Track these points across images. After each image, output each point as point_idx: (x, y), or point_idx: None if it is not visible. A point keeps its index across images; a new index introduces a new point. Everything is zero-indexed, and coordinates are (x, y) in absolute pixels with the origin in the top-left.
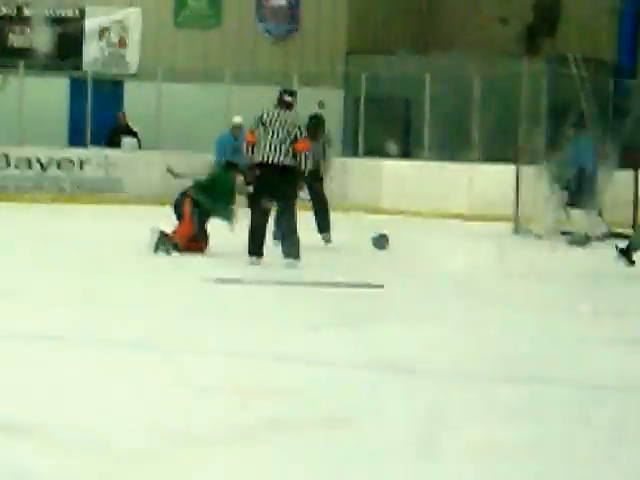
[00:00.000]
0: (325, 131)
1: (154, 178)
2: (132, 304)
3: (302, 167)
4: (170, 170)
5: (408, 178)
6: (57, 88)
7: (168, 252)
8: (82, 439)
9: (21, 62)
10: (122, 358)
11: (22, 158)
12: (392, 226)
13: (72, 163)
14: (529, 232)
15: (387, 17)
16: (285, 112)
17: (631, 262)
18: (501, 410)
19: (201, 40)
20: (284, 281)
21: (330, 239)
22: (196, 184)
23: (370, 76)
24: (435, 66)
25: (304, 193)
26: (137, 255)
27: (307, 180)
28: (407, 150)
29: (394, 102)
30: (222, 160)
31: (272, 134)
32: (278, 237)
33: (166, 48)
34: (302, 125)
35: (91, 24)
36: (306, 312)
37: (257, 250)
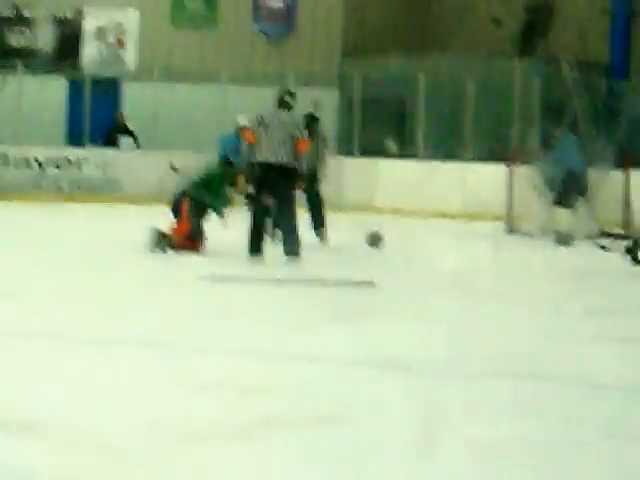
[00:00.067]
0: (320, 130)
1: (151, 177)
2: (130, 302)
3: (303, 167)
4: (172, 166)
5: (402, 177)
6: (56, 88)
7: (164, 250)
8: (82, 437)
9: (20, 62)
10: (121, 356)
11: (21, 158)
12: (386, 225)
13: (70, 163)
14: (521, 231)
15: (382, 19)
16: (285, 113)
17: (637, 262)
18: (498, 407)
19: (198, 41)
20: (279, 279)
21: (326, 238)
22: (193, 182)
23: (365, 77)
24: (429, 67)
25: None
26: (135, 254)
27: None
28: (402, 150)
29: (388, 102)
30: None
31: (273, 134)
32: (272, 236)
33: (163, 49)
34: (302, 126)
35: (89, 25)
36: (301, 310)
37: (257, 248)
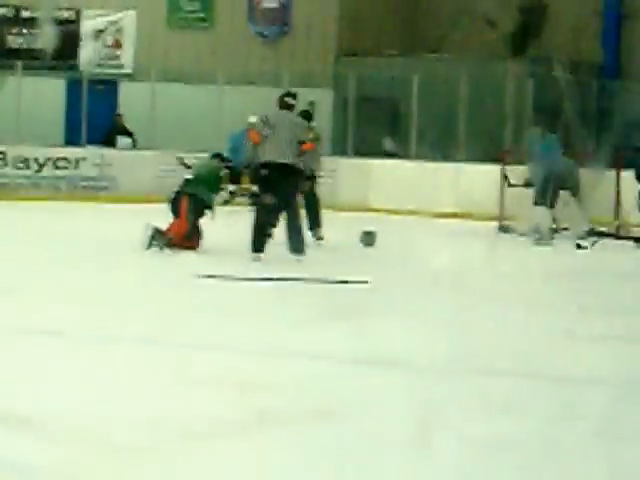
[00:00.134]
0: (315, 129)
1: (148, 177)
2: (129, 300)
3: (307, 168)
4: (182, 162)
5: (396, 177)
6: (54, 88)
7: (161, 249)
8: (82, 433)
9: (19, 63)
10: (121, 353)
11: (19, 157)
12: (380, 224)
13: (68, 162)
14: (514, 230)
15: (376, 20)
16: (291, 114)
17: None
18: (493, 405)
19: (194, 42)
20: (275, 277)
21: (321, 237)
22: (189, 180)
23: (359, 77)
24: (423, 67)
25: None
26: (132, 252)
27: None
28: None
29: (383, 102)
30: (237, 159)
31: (280, 135)
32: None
33: (160, 49)
34: (306, 127)
35: (87, 26)
36: (298, 308)
37: (260, 247)
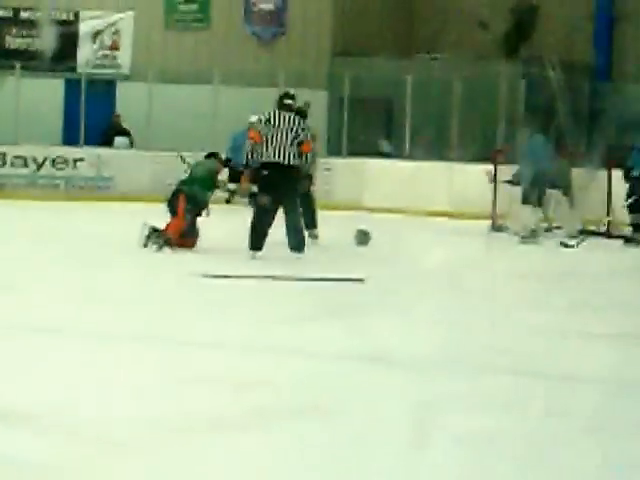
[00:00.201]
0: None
1: (145, 176)
2: (127, 299)
3: (307, 168)
4: (182, 158)
5: (390, 177)
6: (52, 89)
7: (160, 248)
8: (82, 429)
9: (18, 63)
10: (119, 351)
11: (18, 156)
12: (374, 223)
13: (66, 161)
14: (506, 229)
15: (371, 21)
16: (291, 114)
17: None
18: (486, 401)
19: (191, 43)
20: (271, 276)
21: (317, 236)
22: (185, 180)
23: (354, 78)
24: (417, 68)
25: None
26: (129, 251)
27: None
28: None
29: (377, 103)
30: (238, 159)
31: (280, 135)
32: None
33: (157, 50)
34: (307, 127)
35: (85, 27)
36: (293, 305)
37: (257, 245)
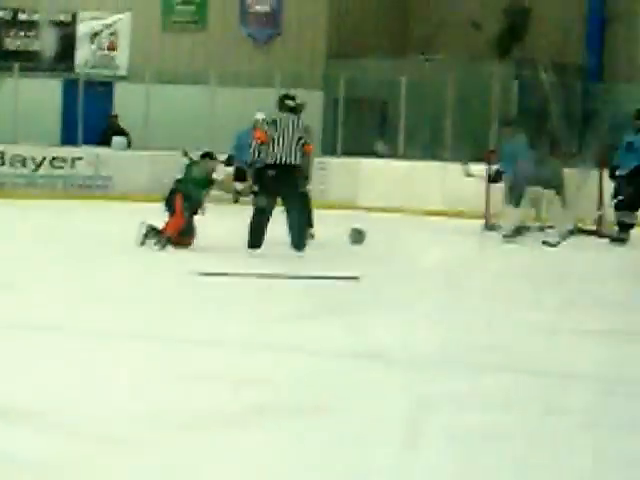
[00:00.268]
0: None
1: (142, 176)
2: (125, 297)
3: (308, 168)
4: (185, 153)
5: (385, 176)
6: (51, 89)
7: (163, 247)
8: (82, 426)
9: (16, 64)
10: (119, 349)
11: (17, 156)
12: (369, 222)
13: (64, 161)
14: (499, 228)
15: (365, 22)
16: (292, 116)
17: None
18: (482, 398)
19: (187, 44)
20: (267, 274)
21: (313, 235)
22: (180, 179)
23: (349, 78)
24: (411, 69)
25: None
26: (128, 250)
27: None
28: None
29: (371, 103)
30: (243, 158)
31: (286, 136)
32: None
33: (154, 51)
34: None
35: (83, 28)
36: (291, 303)
37: (256, 243)
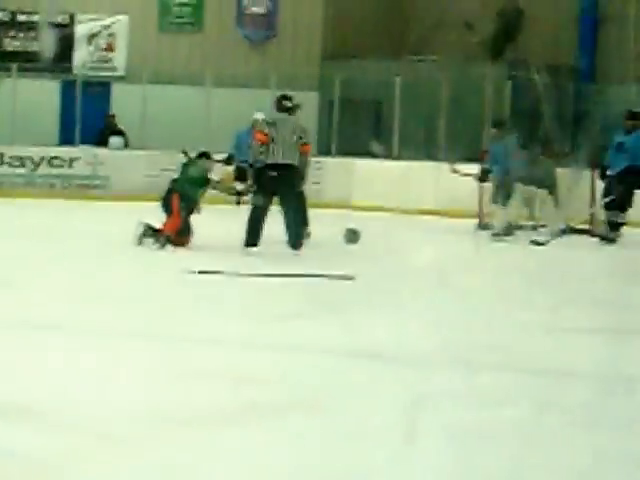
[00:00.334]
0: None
1: (139, 175)
2: (124, 296)
3: (305, 167)
4: (185, 153)
5: (379, 176)
6: (49, 90)
7: (163, 246)
8: (81, 424)
9: (15, 65)
10: (118, 347)
11: (15, 156)
12: (364, 222)
13: (62, 161)
14: (492, 227)
15: (360, 24)
16: (290, 116)
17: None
18: (476, 395)
19: (184, 45)
20: (264, 273)
21: (309, 234)
22: (177, 179)
23: (344, 80)
24: (405, 70)
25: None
26: (126, 249)
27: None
28: (368, 150)
29: (366, 104)
30: (242, 157)
31: (286, 137)
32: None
33: (151, 52)
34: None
35: (81, 30)
36: (288, 302)
37: (253, 242)
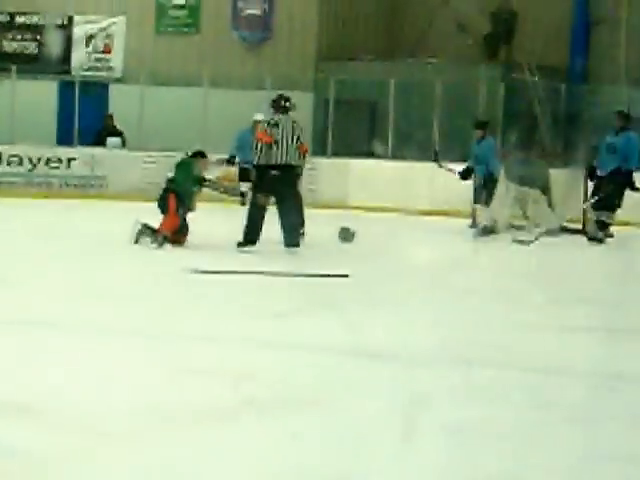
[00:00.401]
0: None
1: (137, 175)
2: (123, 294)
3: (302, 167)
4: (187, 154)
5: (373, 176)
6: (47, 91)
7: (160, 244)
8: (81, 422)
9: (13, 66)
10: (116, 345)
11: (14, 156)
12: (358, 221)
13: (60, 161)
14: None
15: (355, 26)
16: (288, 117)
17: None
18: (475, 394)
19: (181, 47)
20: (259, 271)
21: (305, 233)
22: (172, 179)
23: (338, 81)
24: (399, 71)
25: None
26: (124, 248)
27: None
28: (371, 150)
29: (361, 105)
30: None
31: (287, 137)
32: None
33: (148, 54)
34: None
35: (79, 32)
36: (284, 300)
37: (253, 239)
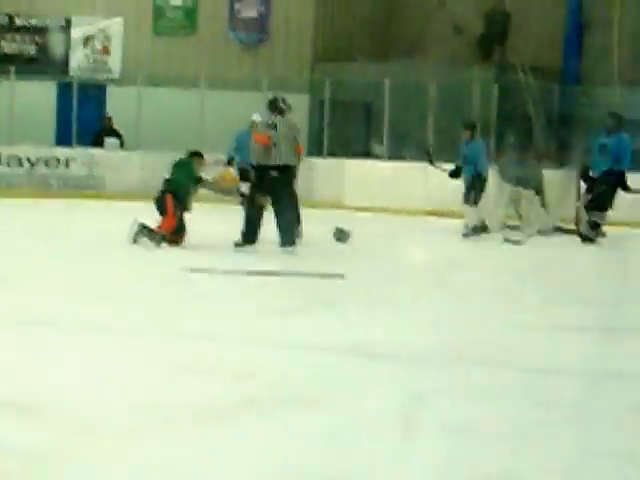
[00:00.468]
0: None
1: (135, 176)
2: (122, 294)
3: (298, 167)
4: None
5: (369, 177)
6: (46, 92)
7: (158, 244)
8: (81, 421)
9: (12, 67)
10: (115, 344)
11: (13, 156)
12: (353, 222)
13: (59, 161)
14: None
15: (350, 28)
16: (285, 118)
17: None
18: (474, 392)
19: (178, 48)
20: (255, 271)
21: (300, 233)
22: (169, 180)
23: (334, 82)
24: (394, 73)
25: None
26: (122, 247)
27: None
28: (368, 150)
29: (356, 106)
30: (242, 158)
31: (283, 139)
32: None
33: (146, 55)
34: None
35: (77, 33)
36: (281, 299)
37: (252, 239)
